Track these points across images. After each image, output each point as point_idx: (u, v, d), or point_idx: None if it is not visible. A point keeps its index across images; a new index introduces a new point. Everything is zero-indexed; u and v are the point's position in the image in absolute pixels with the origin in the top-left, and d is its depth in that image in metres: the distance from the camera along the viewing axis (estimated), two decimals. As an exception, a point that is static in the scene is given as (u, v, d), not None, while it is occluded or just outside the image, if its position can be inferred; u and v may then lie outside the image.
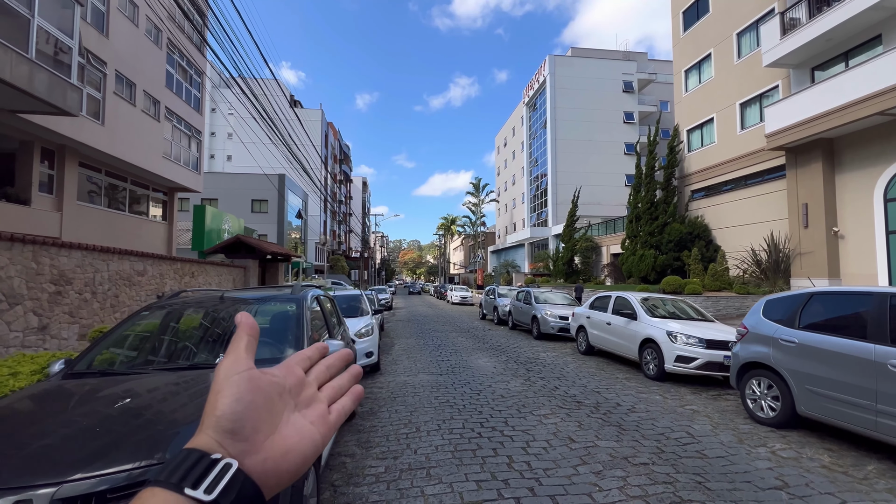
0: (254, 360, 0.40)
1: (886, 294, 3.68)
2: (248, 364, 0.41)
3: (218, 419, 0.37)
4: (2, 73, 8.19)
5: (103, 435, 1.78)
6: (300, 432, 0.41)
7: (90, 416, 1.91)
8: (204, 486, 0.33)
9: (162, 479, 0.33)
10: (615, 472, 3.36)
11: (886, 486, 3.19)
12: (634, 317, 7.57)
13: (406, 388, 6.12)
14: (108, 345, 2.81)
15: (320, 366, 0.49)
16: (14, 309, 6.42)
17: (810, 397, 4.03)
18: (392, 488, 3.10)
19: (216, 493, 0.33)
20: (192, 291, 3.73)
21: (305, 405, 0.44)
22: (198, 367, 2.57)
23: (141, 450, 1.70)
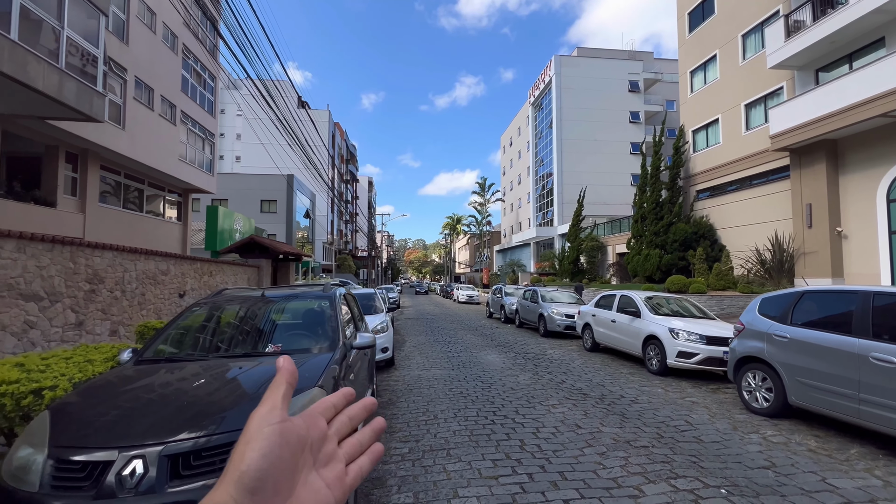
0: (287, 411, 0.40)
1: (870, 293, 3.98)
2: (283, 415, 0.39)
3: (241, 475, 0.35)
4: (35, 82, 8.64)
5: (190, 407, 2.15)
6: (316, 496, 0.38)
7: (176, 393, 2.29)
8: None
9: None
10: (617, 454, 3.70)
11: (865, 467, 3.50)
12: (638, 315, 7.87)
13: (421, 381, 6.49)
14: (168, 336, 3.20)
15: (343, 416, 0.46)
16: (55, 306, 6.86)
17: (800, 388, 4.34)
18: (417, 465, 3.47)
19: None
20: (234, 289, 4.12)
21: (324, 463, 0.41)
22: (250, 356, 2.95)
23: (221, 420, 2.08)
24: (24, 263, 6.28)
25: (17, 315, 6.18)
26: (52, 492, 1.82)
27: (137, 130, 14.26)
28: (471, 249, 69.07)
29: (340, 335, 3.20)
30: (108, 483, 1.80)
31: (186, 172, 17.60)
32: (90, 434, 1.99)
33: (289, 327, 3.46)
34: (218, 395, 2.28)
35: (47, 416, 2.11)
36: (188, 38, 17.91)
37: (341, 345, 3.11)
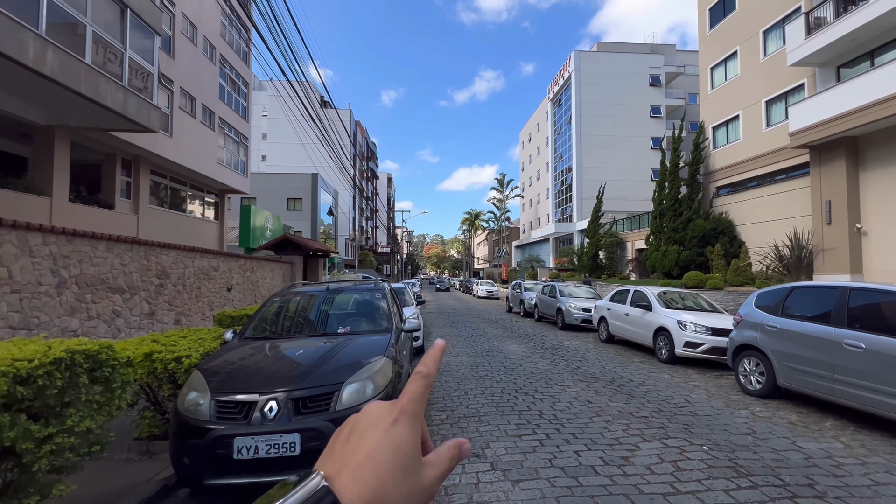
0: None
1: (847, 288, 4.53)
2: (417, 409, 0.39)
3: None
4: (105, 100, 9.75)
5: (298, 368, 3.00)
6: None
7: (285, 359, 3.15)
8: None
9: None
10: (621, 421, 4.41)
11: (833, 434, 4.09)
12: (650, 308, 8.46)
13: (450, 366, 7.29)
14: (258, 320, 4.07)
15: None
16: (133, 298, 7.95)
17: (787, 372, 4.92)
18: (454, 427, 4.27)
19: None
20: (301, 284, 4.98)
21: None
22: (326, 335, 3.81)
23: (320, 377, 2.91)
24: (112, 261, 7.36)
25: (108, 305, 7.27)
26: (218, 420, 2.68)
27: (182, 137, 15.47)
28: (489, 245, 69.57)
29: (394, 320, 4.03)
30: (254, 415, 2.65)
31: (223, 174, 18.83)
32: (236, 384, 2.85)
33: (352, 314, 4.29)
34: (314, 361, 3.12)
35: (199, 373, 2.98)
36: (224, 48, 19.07)
37: (395, 328, 3.93)
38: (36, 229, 5.91)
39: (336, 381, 2.82)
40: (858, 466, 3.39)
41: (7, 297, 5.44)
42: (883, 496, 2.95)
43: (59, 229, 6.36)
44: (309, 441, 2.57)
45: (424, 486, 0.38)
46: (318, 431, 2.60)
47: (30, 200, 10.33)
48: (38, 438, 2.03)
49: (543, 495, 2.94)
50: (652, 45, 40.92)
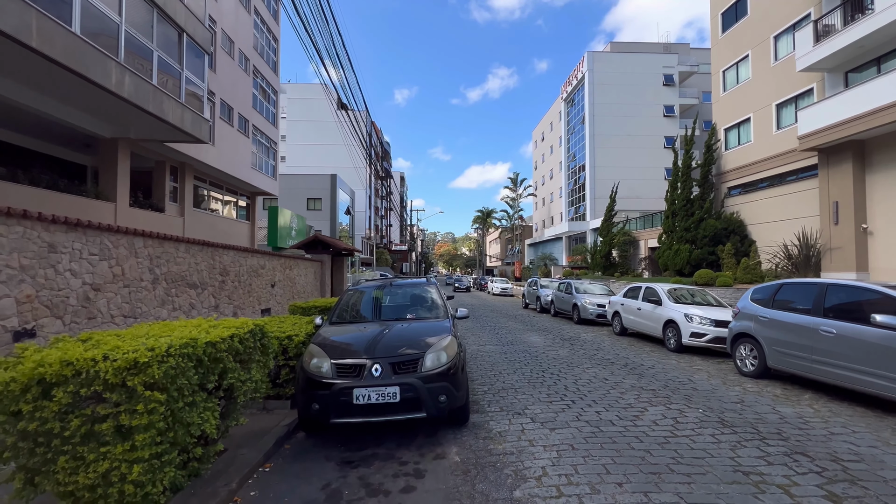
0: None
1: (825, 284, 5.38)
2: None
3: None
4: (166, 116, 10.93)
5: (390, 341, 4.03)
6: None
7: (378, 335, 4.18)
8: None
9: None
10: (633, 393, 5.36)
11: (808, 403, 4.97)
12: (660, 303, 9.32)
13: (481, 353, 8.28)
14: (340, 309, 5.12)
15: None
16: (203, 292, 9.10)
17: (776, 355, 5.78)
18: (496, 396, 5.27)
19: None
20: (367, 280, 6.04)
21: None
22: (399, 319, 4.85)
23: (408, 347, 3.93)
24: (189, 261, 8.51)
25: (186, 299, 8.43)
26: (338, 378, 3.71)
27: (222, 145, 16.71)
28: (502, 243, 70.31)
29: (449, 309, 5.06)
30: (365, 374, 3.68)
31: (256, 178, 20.07)
32: (348, 353, 3.88)
33: (415, 304, 5.30)
34: (398, 337, 4.14)
35: (315, 346, 4.02)
36: (257, 59, 20.29)
37: (450, 315, 4.95)
38: (139, 234, 7.07)
39: (420, 351, 3.84)
40: (820, 423, 4.28)
41: (121, 291, 6.61)
42: (834, 440, 3.84)
43: (154, 234, 7.51)
44: (405, 392, 3.59)
45: None
46: (411, 385, 3.61)
47: (99, 206, 11.60)
48: (242, 380, 3.07)
49: (574, 437, 3.91)
50: (665, 45, 41.16)
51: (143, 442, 2.04)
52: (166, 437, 2.20)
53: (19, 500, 2.11)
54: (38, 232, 5.24)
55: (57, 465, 2.03)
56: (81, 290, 5.91)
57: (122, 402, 2.03)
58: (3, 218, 4.86)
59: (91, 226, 6.02)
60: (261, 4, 20.63)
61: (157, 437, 2.11)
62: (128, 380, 2.02)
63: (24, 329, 5.15)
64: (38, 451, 2.02)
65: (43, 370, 1.95)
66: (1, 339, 4.92)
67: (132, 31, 9.76)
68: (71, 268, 5.74)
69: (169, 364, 2.13)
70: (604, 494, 2.85)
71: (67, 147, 12.87)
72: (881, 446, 3.67)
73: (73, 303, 5.77)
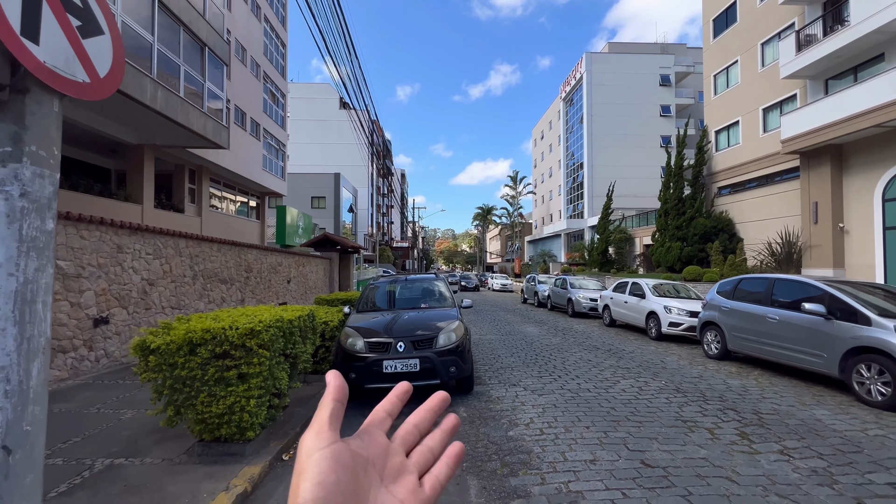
0: (338, 432, 0.37)
1: (773, 279, 6.35)
2: (332, 437, 0.36)
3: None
4: (192, 125, 11.84)
5: (409, 324, 5.01)
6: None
7: (399, 320, 5.15)
8: None
9: None
10: (610, 370, 6.34)
11: (754, 377, 5.97)
12: (644, 297, 10.30)
13: (481, 341, 9.27)
14: (364, 299, 6.10)
15: (407, 424, 0.42)
16: (232, 287, 10.07)
17: (734, 339, 6.77)
18: (496, 373, 6.27)
19: None
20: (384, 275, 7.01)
21: (393, 478, 0.38)
22: (415, 308, 5.83)
23: (424, 329, 4.91)
24: (220, 258, 9.48)
25: (218, 293, 9.40)
26: (370, 353, 4.69)
27: (236, 148, 17.62)
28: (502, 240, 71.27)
29: (455, 300, 6.05)
30: (392, 350, 4.66)
31: (266, 179, 21.01)
32: (376, 334, 4.85)
33: (425, 295, 6.28)
34: (416, 321, 5.12)
35: (349, 328, 5.00)
36: (266, 65, 21.17)
37: (456, 305, 5.94)
38: (182, 236, 8.04)
39: (434, 331, 4.82)
40: (758, 390, 5.27)
41: (168, 286, 7.59)
42: (762, 402, 4.83)
43: (193, 235, 8.48)
44: (423, 364, 4.57)
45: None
46: (427, 358, 4.59)
47: (128, 208, 12.55)
48: (303, 352, 4.05)
49: (556, 400, 4.90)
50: (662, 45, 41.92)
51: (255, 385, 3.01)
52: (266, 384, 3.18)
53: (168, 425, 3.10)
54: (110, 235, 6.23)
55: (197, 400, 3.00)
56: (140, 284, 6.91)
57: (242, 357, 3.00)
58: (85, 224, 5.85)
59: (148, 229, 7.01)
60: (270, 12, 21.49)
61: (262, 382, 3.08)
62: (246, 342, 2.97)
63: (101, 317, 6.17)
64: (185, 390, 2.99)
65: (191, 335, 2.91)
66: (83, 325, 5.96)
67: (163, 48, 10.68)
68: (133, 266, 6.73)
69: (271, 332, 3.09)
70: (573, 433, 3.83)
71: (95, 153, 13.80)
72: (797, 405, 4.65)
73: (134, 295, 6.77)
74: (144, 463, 3.14)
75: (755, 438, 3.73)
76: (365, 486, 0.36)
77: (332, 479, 0.34)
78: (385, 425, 0.41)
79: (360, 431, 0.40)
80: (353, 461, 0.36)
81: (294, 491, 0.33)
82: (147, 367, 2.95)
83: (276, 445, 3.48)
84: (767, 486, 2.91)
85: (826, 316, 5.26)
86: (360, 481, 0.36)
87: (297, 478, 0.34)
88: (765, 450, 3.50)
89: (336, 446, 0.36)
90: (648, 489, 2.89)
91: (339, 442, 0.36)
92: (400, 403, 0.43)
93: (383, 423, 0.41)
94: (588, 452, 3.47)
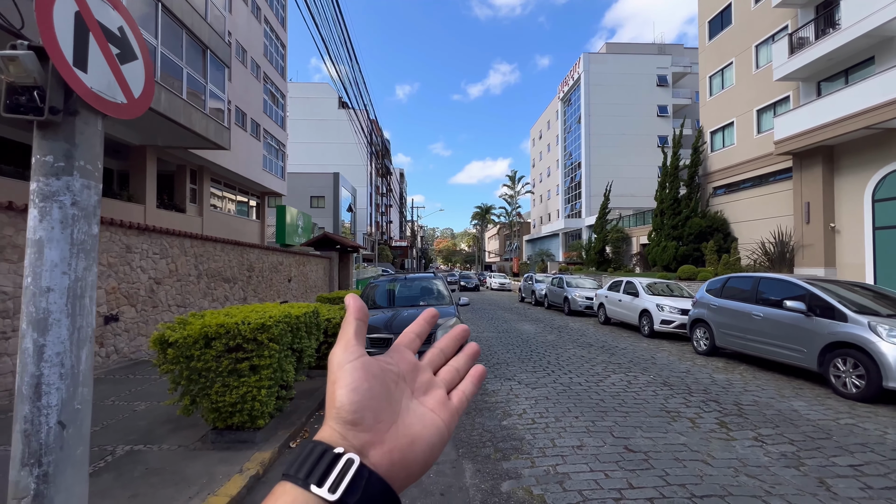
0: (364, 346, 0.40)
1: (758, 277, 6.61)
2: (359, 351, 0.39)
3: (338, 410, 0.35)
4: (194, 126, 12.03)
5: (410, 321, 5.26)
6: (422, 420, 0.39)
7: (399, 317, 5.38)
8: (328, 483, 0.32)
9: (291, 474, 0.33)
10: (602, 366, 6.59)
11: (739, 372, 6.22)
12: (637, 295, 10.55)
13: (479, 338, 9.52)
14: (366, 297, 6.33)
15: (434, 349, 0.47)
16: (235, 286, 10.28)
17: (722, 336, 7.03)
18: (491, 369, 6.50)
19: (340, 491, 0.32)
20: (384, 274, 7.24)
21: (423, 391, 0.42)
22: (414, 305, 6.06)
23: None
24: (223, 258, 9.69)
25: (222, 292, 9.62)
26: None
27: (236, 149, 17.79)
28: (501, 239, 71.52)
29: (453, 298, 6.28)
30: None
31: (266, 179, 21.20)
32: (378, 330, 5.08)
33: (424, 293, 6.52)
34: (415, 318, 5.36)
35: (351, 324, 5.25)
36: (266, 66, 21.35)
37: (454, 303, 6.17)
38: (188, 236, 8.26)
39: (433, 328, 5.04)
40: (741, 384, 5.54)
41: (174, 285, 7.81)
42: (744, 394, 5.09)
43: (198, 235, 8.70)
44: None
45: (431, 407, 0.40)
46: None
47: (131, 208, 12.74)
48: (308, 346, 4.28)
49: (549, 392, 5.15)
50: (659, 46, 42.17)
51: (266, 376, 3.24)
52: (275, 376, 3.41)
53: (184, 413, 3.33)
54: (119, 236, 6.45)
55: (212, 390, 3.23)
56: (148, 283, 7.13)
57: (254, 350, 3.23)
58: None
59: (155, 230, 7.23)
60: (270, 13, 21.66)
61: (272, 374, 3.32)
62: (258, 336, 3.20)
63: (111, 314, 6.39)
64: (200, 381, 3.22)
65: (206, 329, 3.14)
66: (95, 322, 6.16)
67: (166, 51, 10.87)
68: (141, 265, 6.96)
69: (280, 327, 3.33)
70: (563, 422, 4.08)
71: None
72: (777, 397, 4.91)
73: (142, 294, 6.99)
74: (162, 449, 3.37)
75: (733, 427, 3.98)
76: (397, 396, 0.39)
77: (366, 386, 0.37)
78: (414, 345, 0.47)
79: (390, 350, 0.45)
80: (382, 373, 0.39)
81: (331, 397, 0.37)
82: (165, 359, 3.18)
83: (284, 433, 3.72)
84: (739, 468, 3.16)
85: (806, 313, 5.52)
86: (391, 391, 0.39)
87: (331, 386, 0.38)
88: (741, 437, 3.75)
89: (365, 359, 0.39)
90: (629, 471, 3.13)
91: (366, 356, 0.40)
92: (428, 327, 0.49)
93: (412, 343, 0.47)
94: (576, 439, 3.71)
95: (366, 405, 0.36)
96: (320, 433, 0.36)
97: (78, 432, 1.82)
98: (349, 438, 0.35)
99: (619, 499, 2.77)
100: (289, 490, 0.33)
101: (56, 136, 1.75)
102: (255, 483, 3.03)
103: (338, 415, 0.36)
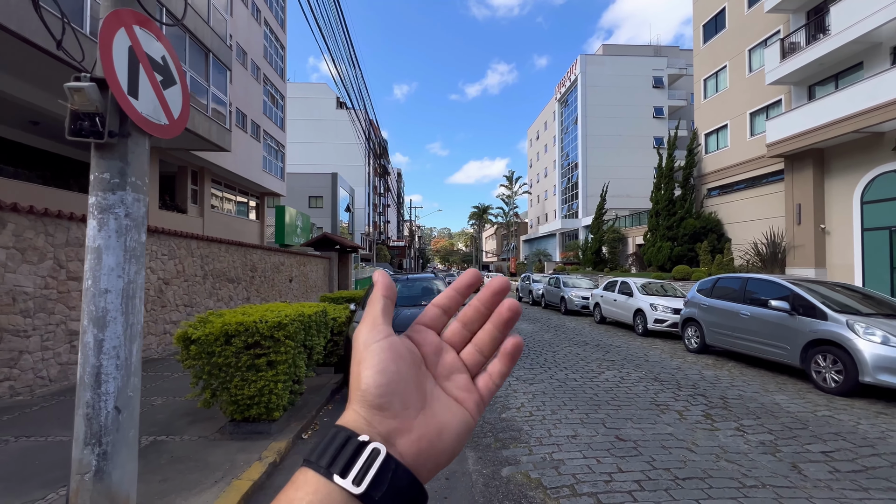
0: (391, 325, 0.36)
1: (746, 277, 6.91)
2: (387, 331, 0.36)
3: (364, 393, 0.33)
4: (198, 129, 12.20)
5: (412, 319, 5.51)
6: (449, 408, 0.36)
7: (401, 316, 5.62)
8: (352, 474, 0.30)
9: (312, 461, 0.31)
10: (596, 362, 6.87)
11: (727, 369, 6.51)
12: (632, 295, 10.84)
13: (477, 337, 9.75)
14: (366, 297, 6.56)
15: (468, 309, 0.40)
16: (238, 286, 10.48)
17: (712, 334, 7.32)
18: (489, 365, 6.74)
19: (365, 484, 0.30)
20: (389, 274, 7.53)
21: (445, 376, 0.38)
22: (416, 305, 6.30)
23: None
24: (228, 259, 9.89)
25: (226, 292, 9.82)
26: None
27: (237, 150, 17.97)
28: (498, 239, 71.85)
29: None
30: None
31: (266, 179, 21.37)
32: (382, 327, 5.32)
33: (425, 293, 6.76)
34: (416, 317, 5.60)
35: (356, 324, 5.47)
36: (266, 68, 21.52)
37: (456, 302, 6.42)
38: (194, 237, 8.47)
39: None
40: (728, 379, 5.82)
41: (182, 285, 8.02)
42: (730, 389, 5.38)
43: (203, 236, 8.90)
44: None
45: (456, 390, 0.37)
46: None
47: (136, 209, 12.87)
48: (317, 344, 4.52)
49: (545, 388, 5.42)
50: (655, 47, 42.56)
51: (282, 370, 3.48)
52: (290, 371, 3.65)
53: (205, 406, 3.57)
54: (131, 238, 6.62)
55: (231, 384, 3.47)
56: (157, 283, 7.34)
57: (271, 346, 3.47)
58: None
59: (164, 231, 7.44)
60: (270, 15, 21.83)
61: (287, 369, 3.56)
62: (275, 333, 3.45)
63: (123, 314, 6.55)
64: (221, 375, 3.46)
65: (227, 327, 3.38)
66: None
67: (171, 56, 11.03)
68: (150, 266, 7.17)
69: (295, 325, 3.57)
70: (559, 415, 4.34)
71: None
72: (761, 392, 5.19)
73: (151, 294, 7.20)
74: (183, 440, 3.60)
75: (717, 418, 4.25)
76: (423, 380, 0.36)
77: (393, 368, 0.34)
78: (439, 323, 0.41)
79: (411, 329, 0.40)
80: (410, 354, 0.36)
81: (356, 378, 0.34)
82: (188, 355, 3.41)
83: (296, 425, 3.96)
84: (720, 454, 3.43)
85: (790, 312, 5.80)
86: (419, 375, 0.36)
87: (357, 366, 0.35)
88: (724, 427, 4.02)
89: (393, 339, 0.36)
90: (619, 457, 3.39)
91: (394, 336, 0.36)
92: (461, 298, 0.42)
93: (436, 321, 0.41)
94: (570, 430, 3.97)
95: (394, 389, 0.34)
96: (343, 417, 0.34)
97: (131, 416, 2.06)
98: (375, 424, 0.33)
99: (609, 481, 3.03)
100: (311, 479, 0.30)
101: (112, 155, 1.99)
102: (273, 470, 3.27)
103: (363, 398, 0.33)
